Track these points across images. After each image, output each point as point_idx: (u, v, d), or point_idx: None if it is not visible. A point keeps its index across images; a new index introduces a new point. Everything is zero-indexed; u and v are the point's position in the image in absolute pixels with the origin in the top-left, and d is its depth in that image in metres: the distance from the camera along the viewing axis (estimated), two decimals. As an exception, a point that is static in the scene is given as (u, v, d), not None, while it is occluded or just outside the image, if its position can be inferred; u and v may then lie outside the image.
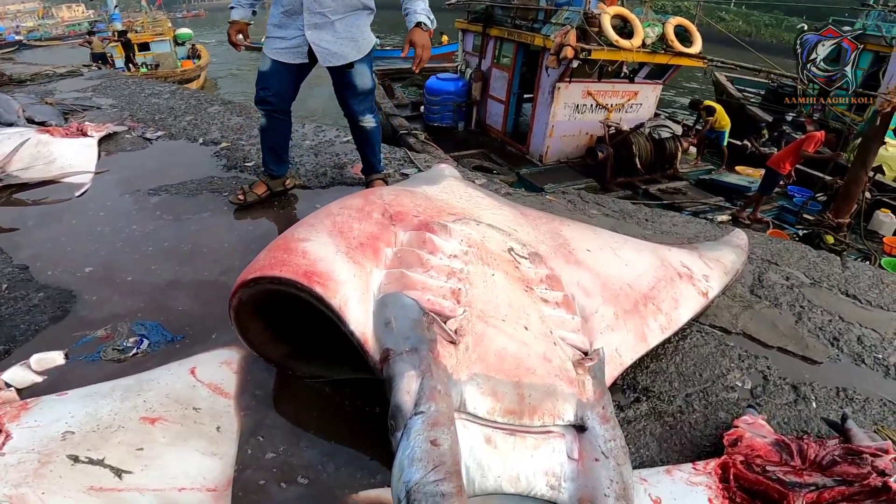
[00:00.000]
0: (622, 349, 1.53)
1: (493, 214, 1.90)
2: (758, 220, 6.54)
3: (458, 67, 10.20)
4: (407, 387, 1.02)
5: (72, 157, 3.44)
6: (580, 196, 3.36)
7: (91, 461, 1.24)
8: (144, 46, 16.46)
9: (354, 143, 2.85)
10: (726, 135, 8.53)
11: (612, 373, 1.45)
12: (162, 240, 2.43)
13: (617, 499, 1.03)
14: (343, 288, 1.23)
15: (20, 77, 6.31)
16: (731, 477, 1.30)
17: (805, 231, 6.23)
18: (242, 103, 4.96)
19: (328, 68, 2.49)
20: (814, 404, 1.69)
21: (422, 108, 9.91)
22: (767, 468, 1.32)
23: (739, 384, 1.74)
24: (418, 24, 2.27)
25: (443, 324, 1.17)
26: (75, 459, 1.23)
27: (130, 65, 15.91)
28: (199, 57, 18.82)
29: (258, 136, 2.85)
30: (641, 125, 7.66)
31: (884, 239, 6.41)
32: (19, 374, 1.67)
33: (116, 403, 1.44)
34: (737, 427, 1.43)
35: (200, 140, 3.78)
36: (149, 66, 16.14)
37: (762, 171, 6.94)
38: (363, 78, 2.55)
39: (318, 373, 1.60)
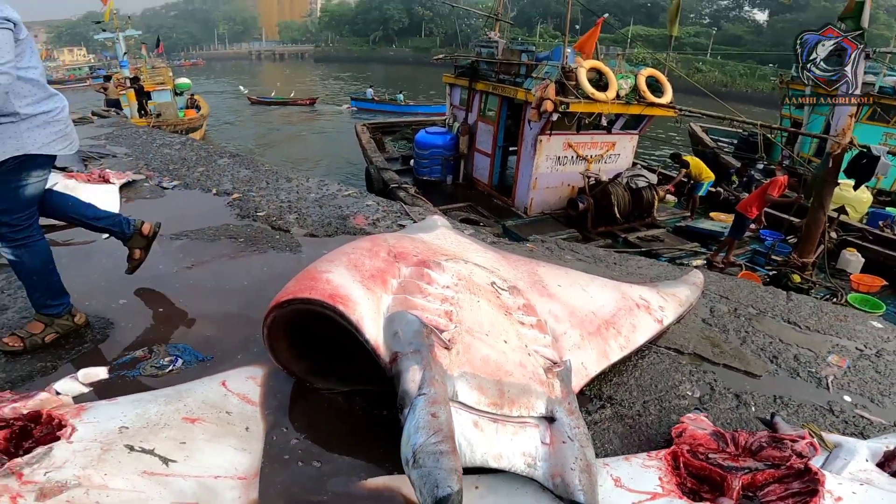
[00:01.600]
0: (587, 363, 1.86)
1: (479, 256, 2.27)
2: (731, 264, 6.87)
3: (446, 121, 10.60)
4: (412, 377, 1.33)
5: (97, 202, 3.76)
6: (556, 244, 3.76)
7: (143, 450, 1.50)
8: (146, 95, 16.75)
9: None
10: (705, 185, 8.90)
11: (578, 382, 1.77)
12: (187, 278, 2.74)
13: (581, 471, 1.33)
14: (359, 307, 1.56)
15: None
16: (681, 464, 1.59)
17: (773, 272, 6.60)
18: (249, 156, 5.36)
19: None
20: (752, 408, 2.01)
21: (412, 161, 10.23)
22: (710, 455, 1.62)
23: (689, 393, 2.06)
24: None
25: (439, 334, 1.50)
26: (131, 448, 1.49)
27: (142, 112, 16.04)
28: (198, 107, 19.18)
29: (266, 187, 3.05)
30: (619, 175, 8.01)
31: (851, 276, 6.81)
32: (69, 385, 1.94)
33: (162, 406, 1.71)
34: (682, 422, 1.74)
35: (213, 190, 4.13)
36: (151, 115, 16.36)
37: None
38: None
39: (332, 385, 1.90)
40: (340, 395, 1.88)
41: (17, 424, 1.55)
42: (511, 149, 9.15)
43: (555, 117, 7.34)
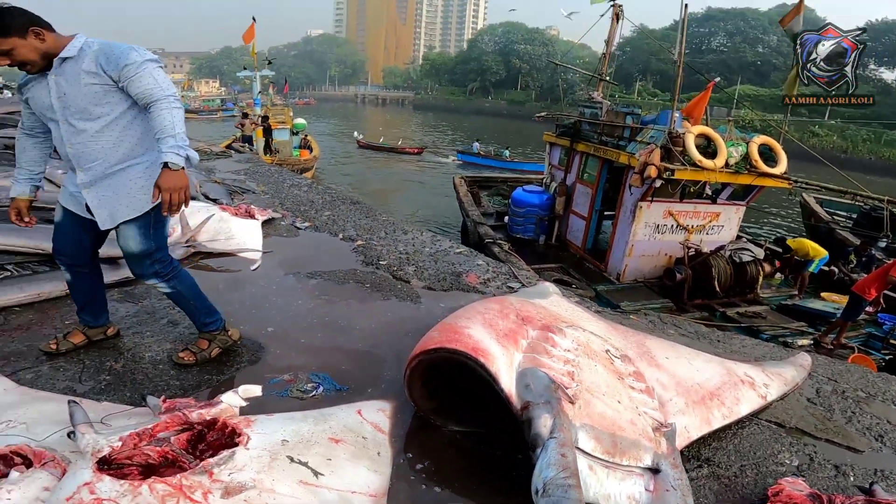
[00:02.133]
0: (690, 427, 2.01)
1: (592, 324, 2.49)
2: (842, 346, 6.38)
3: (543, 181, 10.65)
4: (544, 423, 1.58)
5: (245, 235, 4.33)
6: (659, 318, 3.83)
7: (300, 462, 1.78)
8: (271, 133, 17.33)
9: None
10: (818, 262, 8.31)
11: (680, 443, 1.91)
12: (323, 315, 3.13)
13: (682, 517, 1.48)
14: (496, 361, 1.80)
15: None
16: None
17: (890, 357, 6.06)
18: (367, 205, 5.90)
19: None
20: (851, 478, 2.03)
21: (506, 218, 10.32)
22: (805, 514, 1.67)
23: (787, 462, 2.13)
24: (165, 165, 2.00)
25: (564, 389, 1.71)
26: (291, 459, 1.78)
27: (267, 150, 16.65)
28: (310, 148, 19.86)
29: (385, 237, 3.34)
30: (722, 248, 7.63)
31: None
32: (232, 398, 2.30)
33: (311, 426, 2.00)
34: (779, 483, 1.82)
35: (340, 235, 4.63)
36: (275, 153, 16.94)
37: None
38: (129, 241, 2.23)
39: (451, 424, 2.15)
40: (457, 433, 2.11)
41: (197, 428, 1.89)
42: (607, 213, 9.02)
43: (658, 184, 7.20)
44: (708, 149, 7.41)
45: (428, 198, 18.64)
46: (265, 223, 4.73)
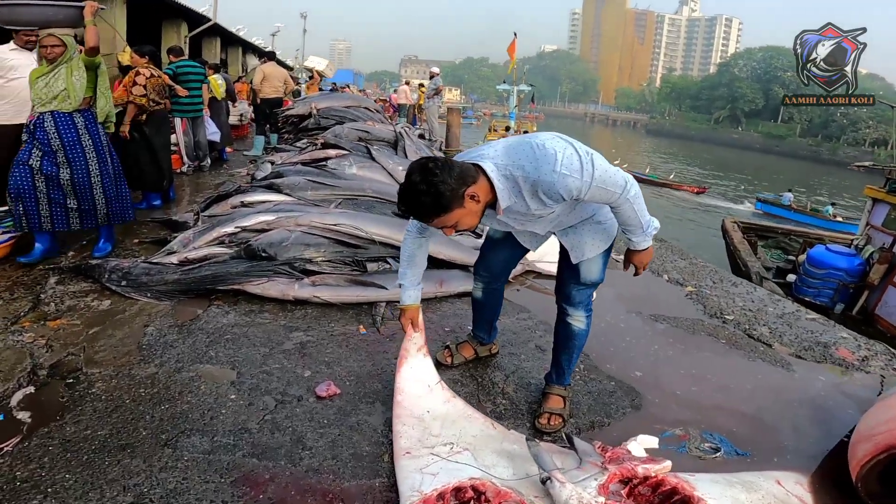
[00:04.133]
0: None
1: None
2: None
3: (854, 242, 9.07)
4: None
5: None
6: None
7: None
8: None
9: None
10: None
11: None
12: (689, 366, 2.95)
13: None
14: None
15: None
16: None
17: None
18: (676, 245, 5.57)
19: None
20: None
21: (789, 276, 9.08)
22: None
23: None
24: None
25: None
26: None
27: None
28: None
29: (714, 286, 3.01)
30: None
31: None
32: (635, 447, 2.28)
33: (744, 493, 1.88)
34: None
35: (665, 277, 4.43)
36: None
37: None
38: (591, 270, 2.19)
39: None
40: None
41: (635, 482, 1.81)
42: None
43: None
44: None
45: (689, 233, 17.11)
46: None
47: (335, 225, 3.50)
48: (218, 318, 3.05)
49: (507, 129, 20.16)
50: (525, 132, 19.13)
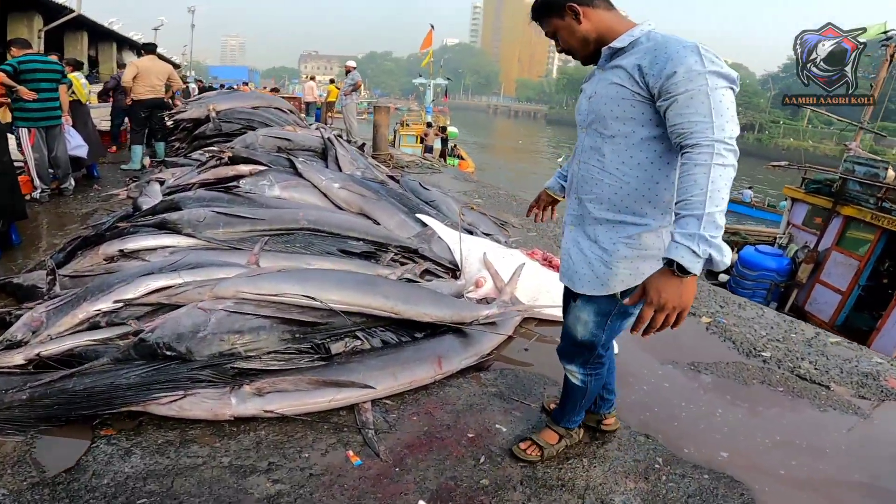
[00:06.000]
0: None
1: None
2: None
3: (778, 241, 9.33)
4: None
5: (557, 291, 3.63)
6: None
7: None
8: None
9: None
10: None
11: None
12: (770, 432, 2.37)
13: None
14: None
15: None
16: None
17: None
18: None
19: None
20: None
21: (721, 276, 9.11)
22: None
23: None
24: (669, 262, 1.28)
25: None
26: None
27: (443, 159, 16.22)
28: (462, 158, 19.11)
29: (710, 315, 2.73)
30: None
31: None
32: None
33: None
34: None
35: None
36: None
37: None
38: (576, 322, 1.74)
39: None
40: None
41: None
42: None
43: None
44: None
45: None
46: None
47: (274, 295, 2.37)
48: (114, 463, 1.88)
49: (429, 124, 19.12)
50: (442, 128, 18.41)
